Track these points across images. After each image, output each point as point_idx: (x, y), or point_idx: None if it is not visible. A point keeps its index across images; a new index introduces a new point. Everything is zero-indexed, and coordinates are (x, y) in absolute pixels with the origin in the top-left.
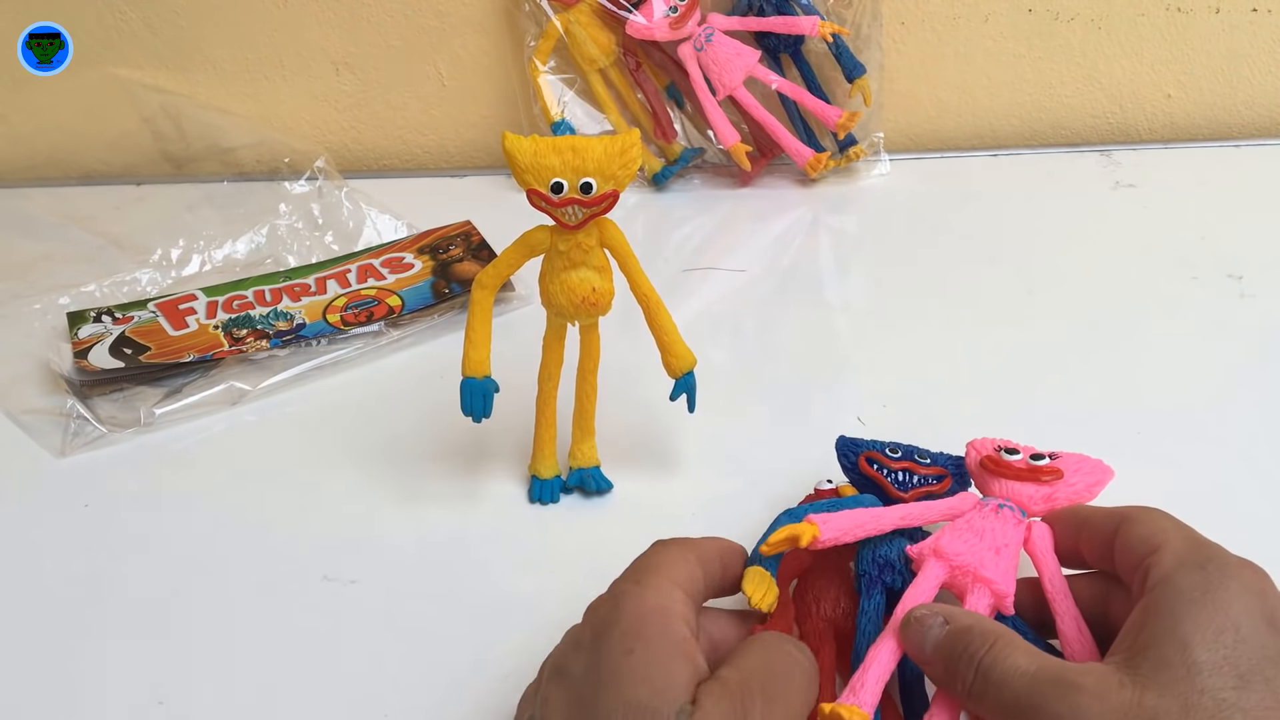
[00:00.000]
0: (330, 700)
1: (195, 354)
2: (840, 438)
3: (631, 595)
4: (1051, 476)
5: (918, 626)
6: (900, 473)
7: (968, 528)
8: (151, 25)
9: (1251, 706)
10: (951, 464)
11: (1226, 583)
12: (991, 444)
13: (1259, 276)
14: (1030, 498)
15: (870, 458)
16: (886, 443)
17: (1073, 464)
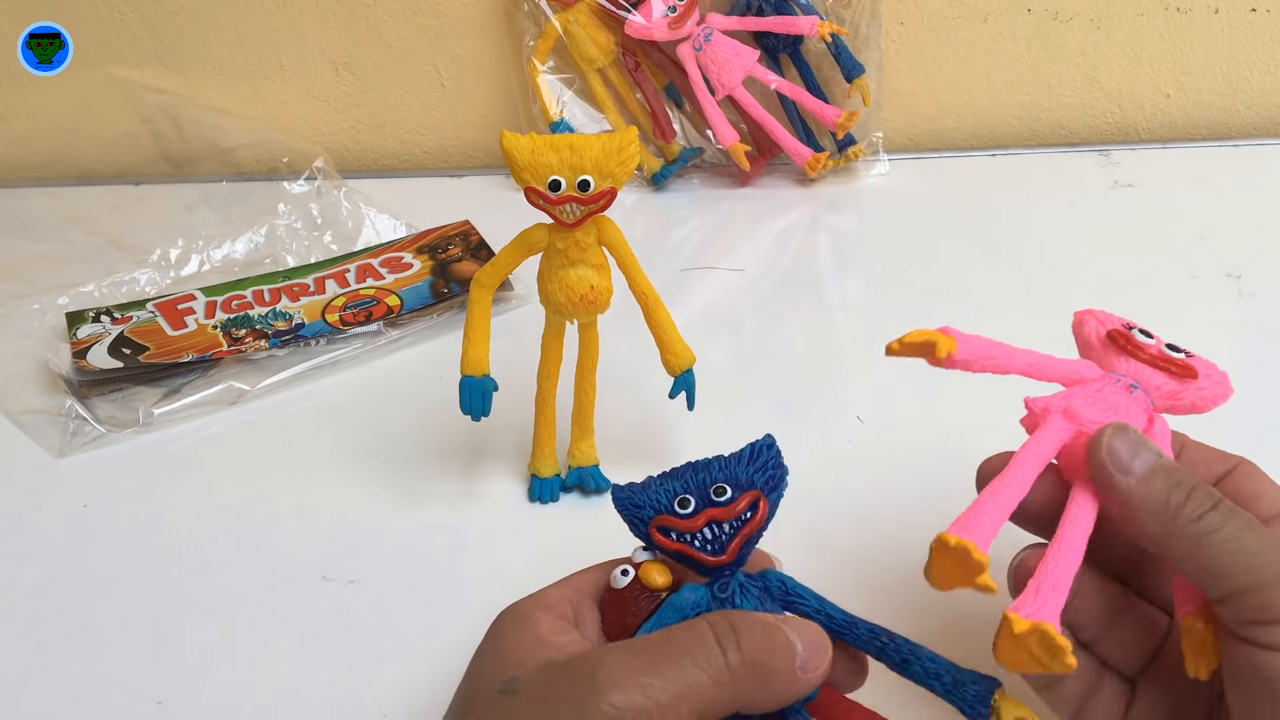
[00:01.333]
0: (329, 700)
1: (194, 354)
2: (615, 495)
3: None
4: (1184, 372)
5: (1127, 440)
6: (706, 530)
7: (1100, 397)
8: (151, 25)
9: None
10: (752, 472)
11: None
12: (1116, 320)
13: (1258, 276)
14: (1157, 389)
15: (662, 526)
16: (662, 486)
17: (1204, 368)
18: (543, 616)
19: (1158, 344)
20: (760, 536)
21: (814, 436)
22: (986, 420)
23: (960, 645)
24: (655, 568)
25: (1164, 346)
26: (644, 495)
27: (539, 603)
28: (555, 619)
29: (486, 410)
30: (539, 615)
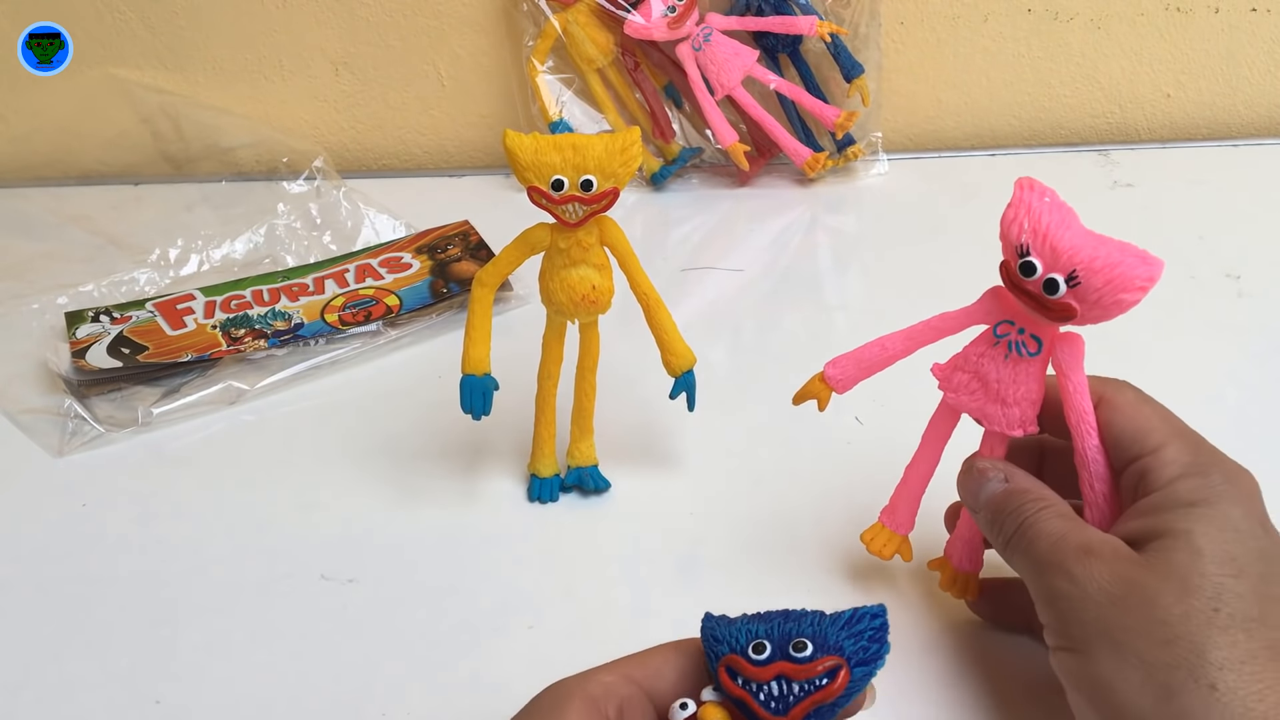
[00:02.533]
0: (328, 699)
1: (193, 354)
2: (704, 622)
3: None
4: (1061, 313)
5: (978, 477)
6: (773, 685)
7: (974, 374)
8: (151, 25)
9: (1244, 592)
10: (844, 637)
11: (1227, 488)
12: (1016, 237)
13: (1257, 276)
14: (1046, 324)
15: (732, 666)
16: (746, 626)
17: (1097, 282)
18: (578, 709)
19: (1040, 276)
20: (836, 710)
21: (813, 437)
22: None
23: (956, 642)
24: (716, 713)
25: (1044, 284)
26: (725, 630)
27: (583, 689)
28: (592, 715)
29: (487, 409)
30: (574, 706)
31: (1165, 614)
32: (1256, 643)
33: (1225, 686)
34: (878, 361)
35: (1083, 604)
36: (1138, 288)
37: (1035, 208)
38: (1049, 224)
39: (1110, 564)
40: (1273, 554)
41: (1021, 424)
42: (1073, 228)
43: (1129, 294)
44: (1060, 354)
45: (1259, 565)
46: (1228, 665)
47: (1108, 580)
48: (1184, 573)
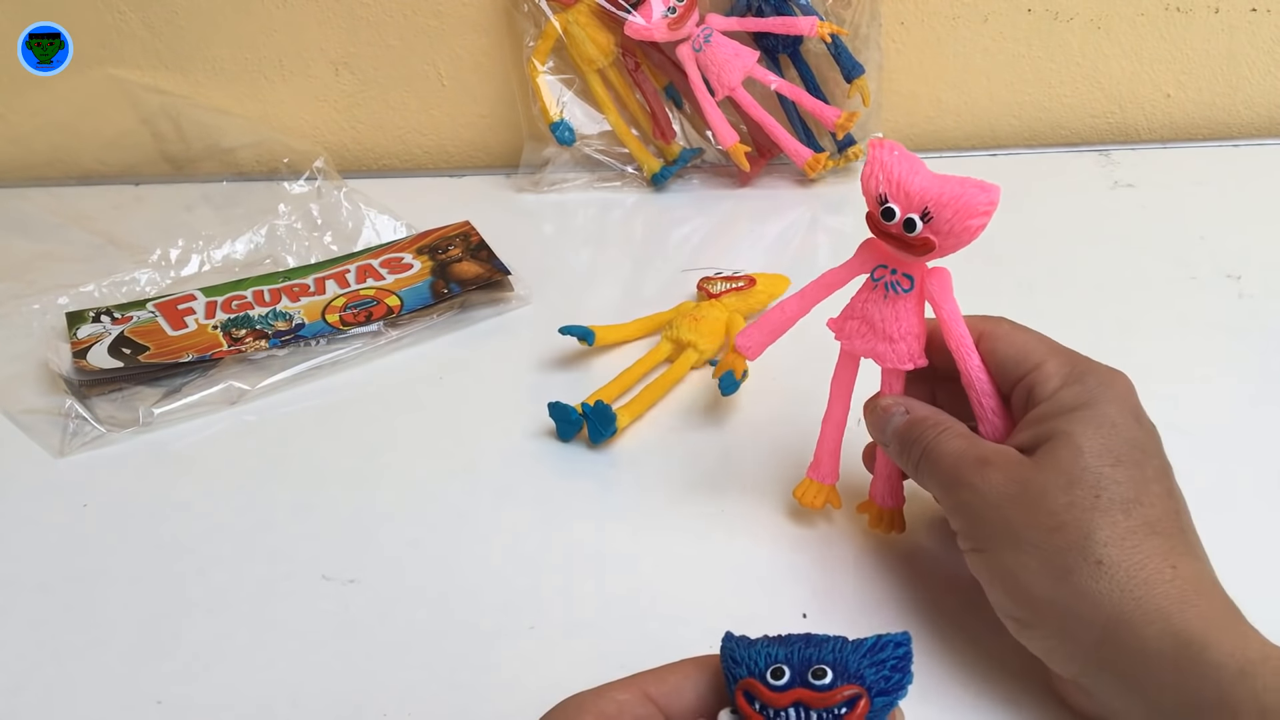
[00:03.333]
0: (329, 699)
1: (194, 354)
2: (724, 642)
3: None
4: (922, 248)
5: (882, 415)
6: (791, 711)
7: (862, 318)
8: (151, 25)
9: (1122, 479)
10: (865, 665)
11: (1103, 390)
12: (875, 189)
13: (1257, 276)
14: (914, 261)
15: (749, 691)
16: (766, 649)
17: (947, 214)
18: None
19: (899, 219)
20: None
21: (812, 437)
22: None
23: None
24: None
25: (904, 224)
26: (745, 652)
27: (597, 706)
28: None
29: None
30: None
31: (1054, 505)
32: (1134, 520)
33: (1110, 561)
34: (780, 324)
35: (984, 508)
36: (981, 212)
37: (887, 161)
38: (900, 173)
39: (1004, 470)
40: (1146, 443)
41: (910, 357)
42: (921, 173)
43: (975, 219)
44: (931, 286)
45: (1134, 454)
46: (1111, 542)
47: (1003, 484)
48: (1068, 468)
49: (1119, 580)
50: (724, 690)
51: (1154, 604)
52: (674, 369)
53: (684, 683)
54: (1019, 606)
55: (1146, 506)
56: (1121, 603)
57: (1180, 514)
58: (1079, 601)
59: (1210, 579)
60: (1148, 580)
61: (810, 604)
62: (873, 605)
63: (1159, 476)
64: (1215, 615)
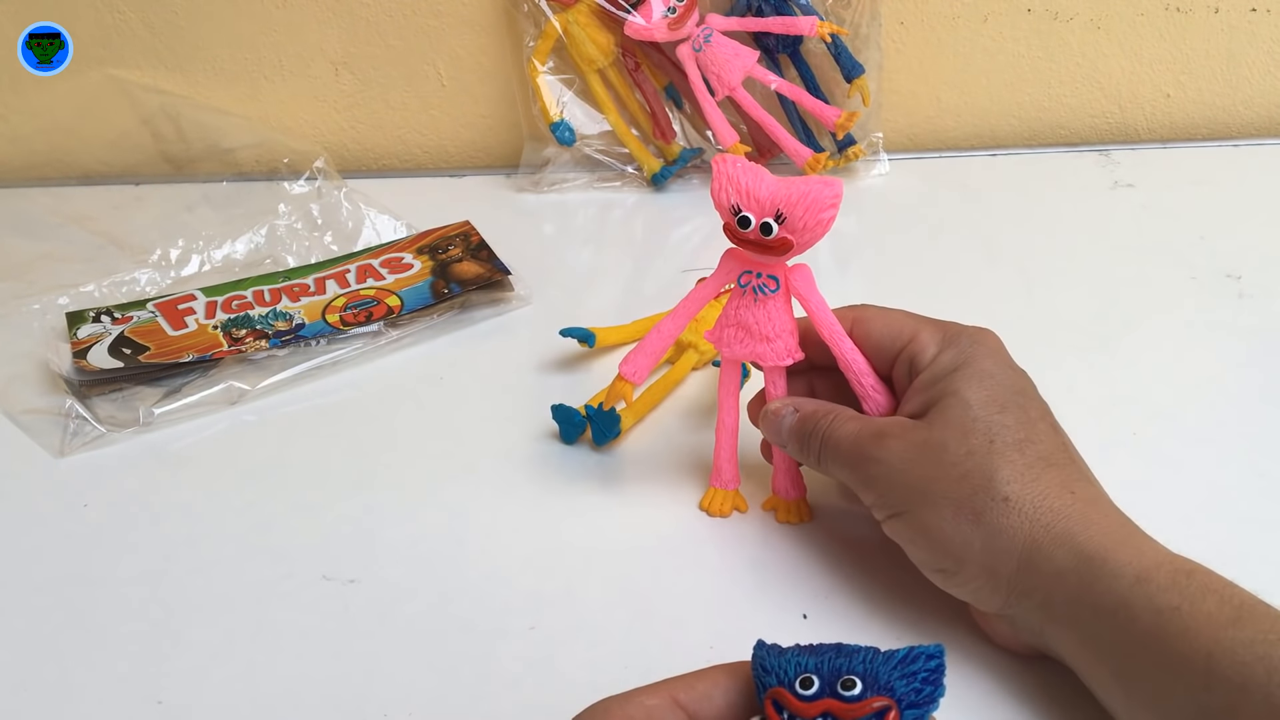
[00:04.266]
0: (330, 699)
1: (194, 354)
2: (756, 650)
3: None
4: (780, 248)
5: (774, 419)
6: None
7: (737, 325)
8: (151, 25)
9: (1010, 423)
10: (895, 676)
11: (976, 348)
12: (726, 201)
13: (1257, 276)
14: (776, 263)
15: (778, 700)
16: (797, 658)
17: (799, 211)
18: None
19: (755, 226)
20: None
21: None
22: None
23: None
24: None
25: (760, 229)
26: (775, 660)
27: (625, 711)
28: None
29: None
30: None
31: (954, 457)
32: (1029, 457)
33: (1015, 496)
34: (660, 346)
35: (891, 475)
36: (829, 205)
37: (733, 174)
38: (746, 182)
39: (902, 437)
40: (1024, 388)
41: (789, 353)
42: (766, 180)
43: (825, 212)
44: (795, 283)
45: (1016, 399)
46: (1013, 480)
47: (904, 450)
48: (960, 421)
49: (1026, 512)
50: (754, 698)
51: (1060, 527)
52: (675, 370)
53: (713, 690)
54: (943, 558)
55: (1037, 443)
56: (1033, 531)
57: (1068, 447)
58: (995, 538)
59: (1105, 500)
60: (1052, 508)
61: (811, 605)
62: (874, 605)
63: (1042, 415)
64: (1113, 530)
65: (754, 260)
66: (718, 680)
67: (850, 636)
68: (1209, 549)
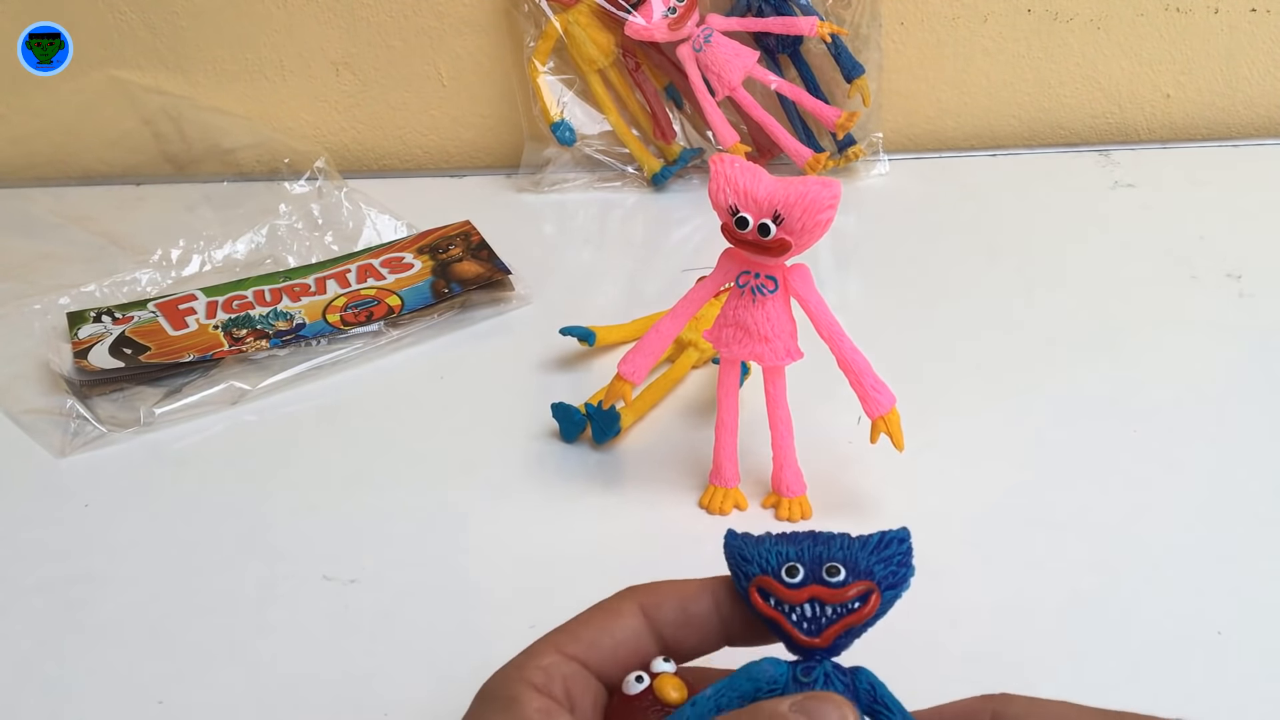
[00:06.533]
0: (330, 699)
1: (195, 354)
2: (727, 541)
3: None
4: (778, 249)
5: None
6: (808, 606)
7: (735, 325)
8: (152, 26)
9: None
10: (874, 561)
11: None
12: (725, 202)
13: (1258, 276)
14: (774, 263)
15: (764, 588)
16: (775, 547)
17: (797, 212)
18: (531, 698)
19: (753, 227)
20: (864, 630)
21: (813, 436)
22: (985, 418)
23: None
24: (671, 682)
25: (758, 229)
26: (755, 550)
27: (525, 676)
28: (545, 701)
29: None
30: (527, 696)
31: None
32: None
33: None
34: (659, 346)
35: None
36: (827, 206)
37: (730, 174)
38: (745, 183)
39: None
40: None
41: (788, 353)
42: (764, 180)
43: (823, 213)
44: (794, 283)
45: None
46: None
47: None
48: None
49: None
50: (644, 635)
51: None
52: (675, 369)
53: (600, 635)
54: None
55: None
56: None
57: None
58: None
59: None
60: None
61: None
62: None
63: None
64: None
65: (752, 260)
66: (602, 624)
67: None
68: (1209, 549)
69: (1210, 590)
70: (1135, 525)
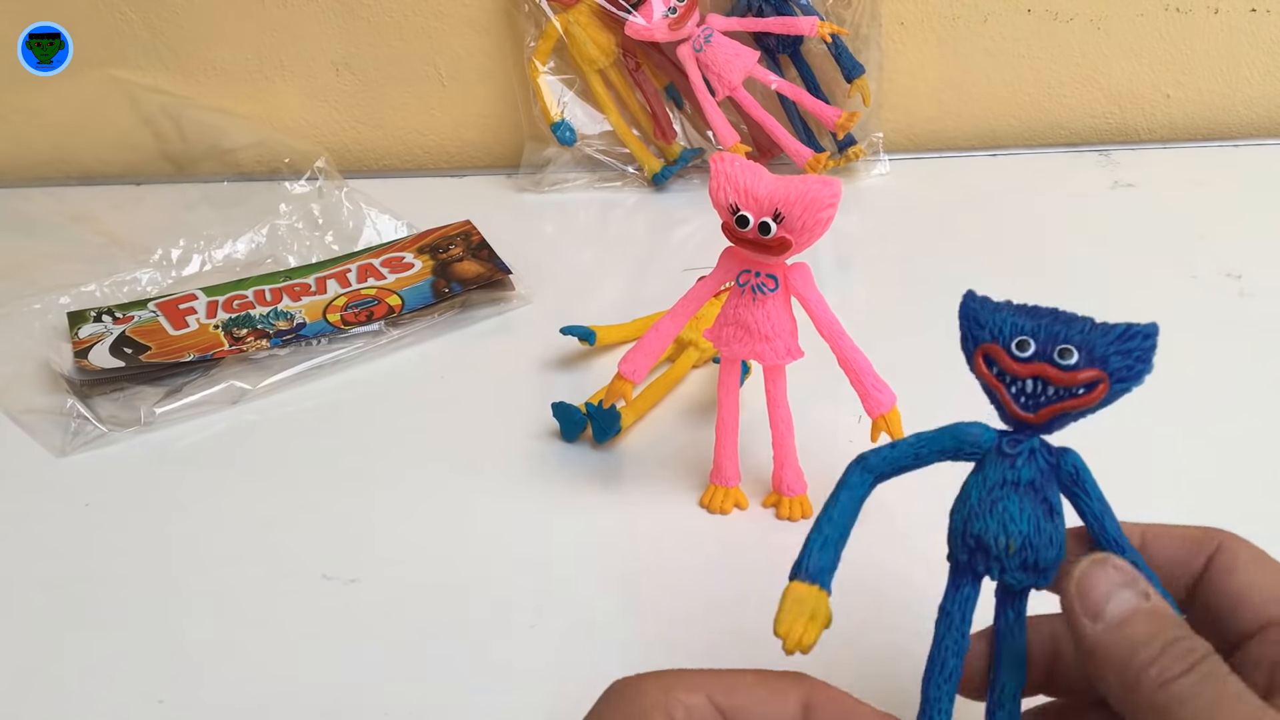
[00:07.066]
0: (330, 698)
1: (195, 353)
2: (965, 301)
3: None
4: (779, 247)
5: (1104, 576)
6: (1030, 383)
7: (736, 324)
8: (152, 26)
9: None
10: (1111, 350)
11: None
12: (725, 200)
13: (1257, 276)
14: (774, 262)
15: (990, 354)
16: (1013, 318)
17: (797, 211)
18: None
19: (754, 225)
20: (1084, 416)
21: (814, 435)
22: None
23: None
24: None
25: (758, 228)
26: (990, 315)
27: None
28: None
29: None
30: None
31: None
32: None
33: None
34: (659, 345)
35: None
36: (828, 205)
37: (731, 173)
38: (745, 181)
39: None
40: None
41: (788, 352)
42: (764, 179)
43: (824, 212)
44: (794, 282)
45: None
46: None
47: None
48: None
49: None
50: None
51: None
52: (675, 368)
53: (752, 704)
54: None
55: None
56: None
57: None
58: None
59: None
60: None
61: None
62: (877, 601)
63: None
64: None
65: (753, 259)
66: (759, 695)
67: (852, 631)
68: None
69: None
70: None
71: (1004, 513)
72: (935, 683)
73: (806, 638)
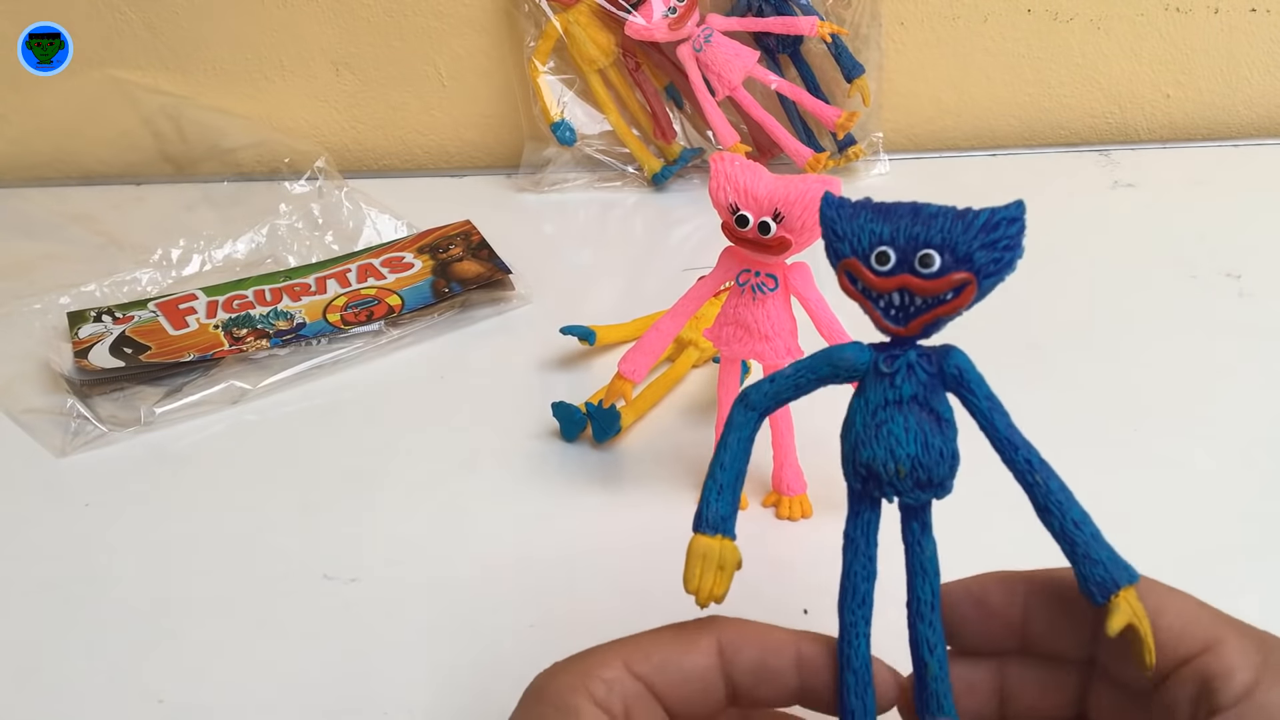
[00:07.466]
0: (330, 698)
1: (195, 353)
2: (825, 202)
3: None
4: (778, 247)
5: None
6: (896, 295)
7: (736, 323)
8: (151, 26)
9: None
10: (976, 245)
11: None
12: (725, 200)
13: (1257, 276)
14: (774, 261)
15: (851, 271)
16: (870, 225)
17: (797, 211)
18: (590, 713)
19: (753, 225)
20: (957, 317)
21: (814, 435)
22: None
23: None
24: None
25: (758, 227)
26: (848, 225)
27: (586, 686)
28: (604, 718)
29: None
30: (587, 709)
31: None
32: None
33: None
34: (659, 344)
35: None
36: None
37: (731, 173)
38: (745, 181)
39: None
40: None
41: (788, 352)
42: (764, 179)
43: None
44: (794, 281)
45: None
46: None
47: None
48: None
49: None
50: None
51: None
52: (675, 368)
53: (670, 660)
54: None
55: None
56: None
57: None
58: None
59: None
60: None
61: (812, 600)
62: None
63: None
64: None
65: (753, 259)
66: (674, 649)
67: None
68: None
69: (1206, 590)
70: (1134, 524)
71: (889, 436)
72: (849, 608)
73: (718, 588)
